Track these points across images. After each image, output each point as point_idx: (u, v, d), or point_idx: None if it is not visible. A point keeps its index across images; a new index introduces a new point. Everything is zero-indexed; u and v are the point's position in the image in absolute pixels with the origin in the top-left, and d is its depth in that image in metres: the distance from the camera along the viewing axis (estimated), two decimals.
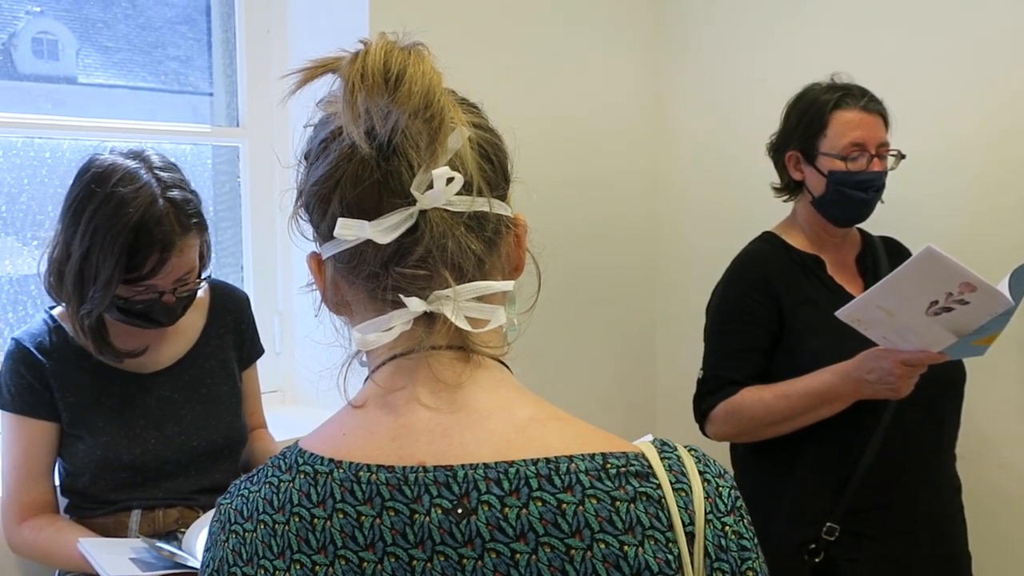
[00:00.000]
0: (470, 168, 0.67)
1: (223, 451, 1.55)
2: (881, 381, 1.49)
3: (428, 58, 0.67)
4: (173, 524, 1.48)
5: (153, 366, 1.52)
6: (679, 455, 0.67)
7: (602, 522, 0.62)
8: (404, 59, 0.65)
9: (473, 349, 0.69)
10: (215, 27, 2.14)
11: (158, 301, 1.42)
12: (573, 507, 0.62)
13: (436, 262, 0.66)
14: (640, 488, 0.64)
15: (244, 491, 0.71)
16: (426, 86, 0.64)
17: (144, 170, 1.39)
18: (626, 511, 0.62)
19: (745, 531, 0.66)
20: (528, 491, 0.63)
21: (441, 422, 0.67)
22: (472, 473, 0.64)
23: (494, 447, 0.65)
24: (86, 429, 1.45)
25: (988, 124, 1.98)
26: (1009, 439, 2.00)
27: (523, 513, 0.62)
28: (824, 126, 1.67)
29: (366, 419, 0.69)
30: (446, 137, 0.66)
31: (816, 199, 1.70)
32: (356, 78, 0.64)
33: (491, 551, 0.62)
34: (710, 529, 0.64)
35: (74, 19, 2.00)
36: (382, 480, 0.65)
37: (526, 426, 0.66)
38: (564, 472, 0.63)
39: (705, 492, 0.65)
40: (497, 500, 0.63)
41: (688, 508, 0.64)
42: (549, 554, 0.62)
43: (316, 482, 0.67)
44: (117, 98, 2.09)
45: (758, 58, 2.37)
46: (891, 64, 2.08)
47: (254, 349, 1.69)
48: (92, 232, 1.34)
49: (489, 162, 0.70)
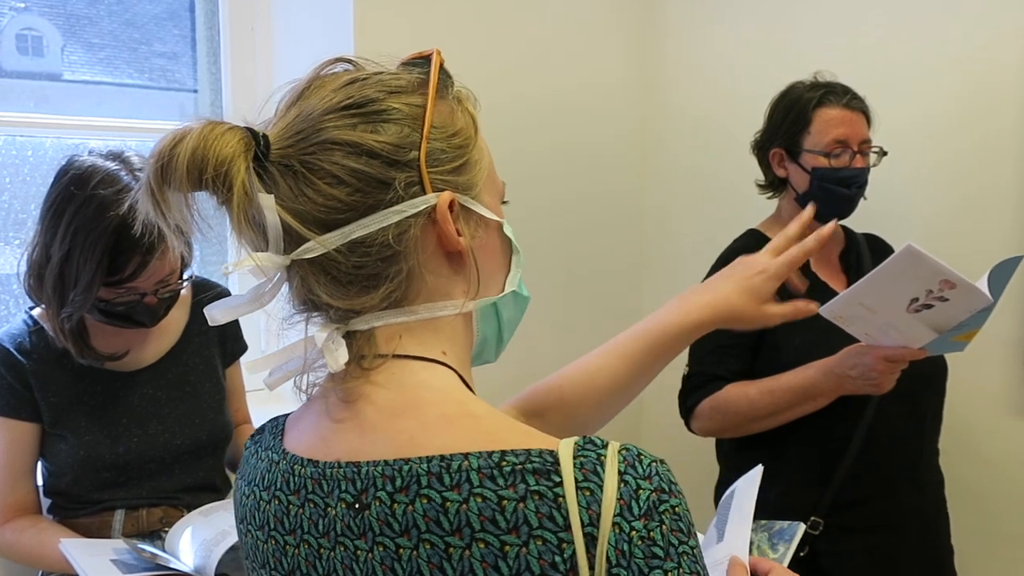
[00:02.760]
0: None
1: (207, 449, 1.55)
2: (863, 377, 1.50)
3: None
4: (157, 523, 1.48)
5: (135, 364, 1.51)
6: (600, 453, 0.63)
7: (484, 521, 0.61)
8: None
9: (397, 354, 0.71)
10: (199, 24, 2.13)
11: (140, 302, 1.41)
12: (456, 505, 0.62)
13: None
14: (534, 486, 0.61)
15: (256, 447, 0.79)
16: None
17: (124, 172, 1.38)
18: (512, 510, 0.61)
19: (661, 538, 0.61)
20: (416, 488, 0.63)
21: (359, 421, 0.69)
22: (373, 470, 0.65)
23: (398, 445, 0.66)
24: (68, 429, 1.44)
25: (970, 123, 1.99)
26: (990, 434, 2.02)
27: (409, 510, 0.63)
28: (807, 123, 1.68)
29: (310, 415, 0.74)
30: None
31: (800, 196, 1.71)
32: None
33: (380, 544, 0.64)
34: (615, 532, 0.60)
35: (59, 15, 1.99)
36: (308, 474, 0.70)
37: (432, 424, 0.67)
38: (455, 470, 0.63)
39: (619, 493, 0.61)
40: (388, 496, 0.64)
41: (591, 508, 0.60)
42: (429, 551, 0.62)
43: (270, 468, 0.74)
44: (102, 95, 2.08)
45: (747, 46, 2.37)
46: (874, 61, 2.09)
47: (237, 346, 1.68)
48: (72, 235, 1.33)
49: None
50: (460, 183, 0.72)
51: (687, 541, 0.62)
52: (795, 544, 1.14)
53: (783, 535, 1.17)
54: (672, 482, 0.63)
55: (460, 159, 0.72)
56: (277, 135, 0.69)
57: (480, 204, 0.73)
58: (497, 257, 0.77)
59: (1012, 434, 2.00)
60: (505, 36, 2.21)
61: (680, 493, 0.64)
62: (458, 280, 0.73)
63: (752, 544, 1.14)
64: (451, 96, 0.74)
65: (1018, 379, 1.98)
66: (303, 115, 0.69)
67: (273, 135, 0.69)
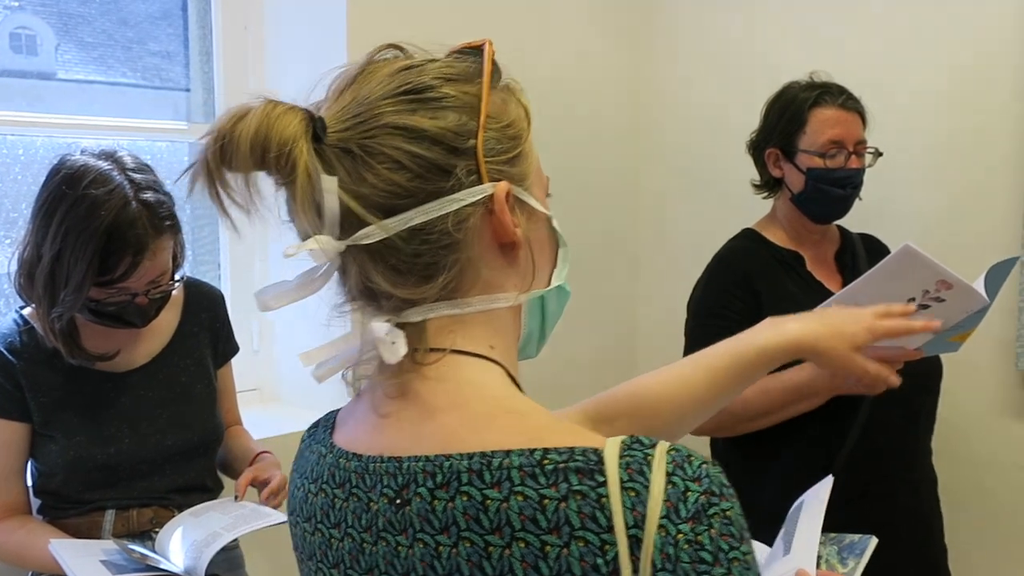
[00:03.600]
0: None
1: (198, 450, 1.54)
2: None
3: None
4: (147, 524, 1.47)
5: (127, 365, 1.50)
6: (648, 453, 0.61)
7: (524, 520, 0.60)
8: None
9: (447, 348, 0.69)
10: (192, 23, 2.12)
11: (131, 303, 1.40)
12: (497, 503, 0.61)
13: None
14: (576, 486, 0.60)
15: (311, 440, 0.79)
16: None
17: (116, 171, 1.37)
18: (554, 510, 0.59)
19: (710, 542, 0.58)
20: (457, 485, 0.62)
21: (403, 416, 0.68)
22: (414, 465, 0.65)
23: (440, 441, 0.65)
24: (58, 429, 1.43)
25: (965, 124, 1.99)
26: (983, 434, 2.02)
27: (449, 506, 0.62)
28: (803, 124, 1.69)
29: (359, 409, 0.74)
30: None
31: (795, 196, 1.71)
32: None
33: (420, 541, 0.64)
34: (660, 535, 0.58)
35: (52, 14, 1.98)
36: (352, 468, 0.69)
37: (475, 420, 0.66)
38: (496, 468, 0.62)
39: (666, 495, 0.59)
40: (428, 493, 0.63)
41: (635, 509, 0.59)
42: (468, 549, 0.61)
43: (318, 462, 0.74)
44: (96, 94, 2.07)
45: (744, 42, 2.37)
46: (869, 61, 2.09)
47: (229, 347, 1.67)
48: (63, 235, 1.32)
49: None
50: (513, 174, 0.71)
51: (738, 547, 0.60)
52: (866, 559, 1.11)
53: (853, 549, 1.14)
54: (724, 485, 0.61)
55: (514, 150, 0.71)
56: (333, 118, 0.68)
57: (531, 196, 0.73)
58: (546, 250, 0.76)
59: (1005, 435, 2.00)
60: (499, 31, 2.20)
61: (733, 497, 0.61)
62: (510, 272, 0.72)
63: (820, 558, 1.11)
64: (502, 87, 0.73)
65: (1011, 380, 1.98)
66: (359, 99, 0.68)
67: (328, 118, 0.67)
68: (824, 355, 1.00)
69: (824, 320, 1.02)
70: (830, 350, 1.00)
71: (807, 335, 0.99)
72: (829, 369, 1.03)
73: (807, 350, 1.00)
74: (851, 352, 1.01)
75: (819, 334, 1.00)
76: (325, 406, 2.33)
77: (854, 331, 1.01)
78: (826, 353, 1.00)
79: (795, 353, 0.99)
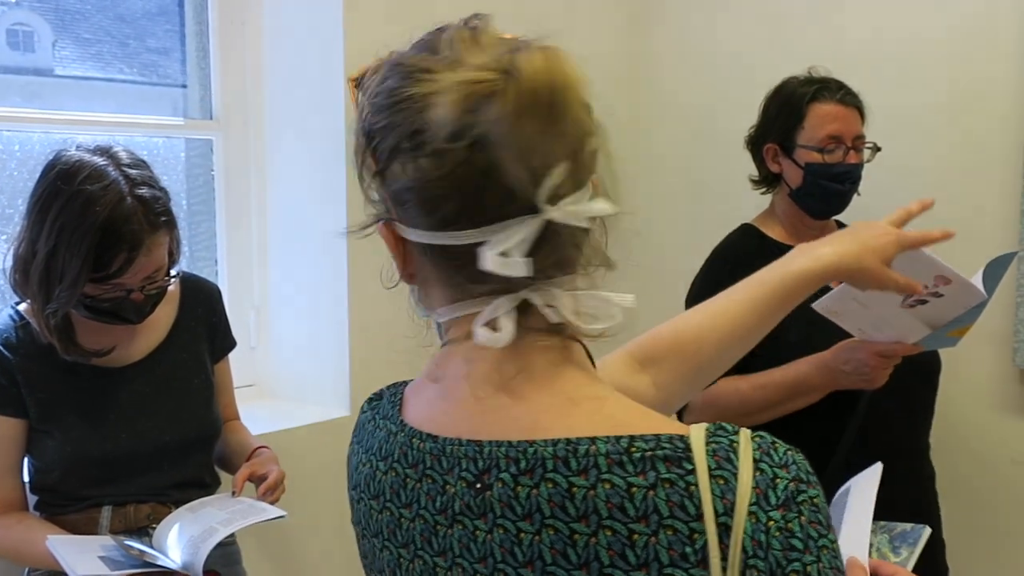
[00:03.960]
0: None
1: (195, 445, 1.54)
2: (856, 372, 1.50)
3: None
4: (145, 520, 1.47)
5: (124, 360, 1.50)
6: (734, 440, 0.61)
7: (612, 508, 0.59)
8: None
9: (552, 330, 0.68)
10: (188, 19, 2.11)
11: (127, 299, 1.40)
12: (584, 491, 0.60)
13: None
14: (665, 474, 0.59)
15: (373, 413, 0.78)
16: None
17: (112, 167, 1.36)
18: (642, 498, 0.59)
19: (800, 529, 0.58)
20: (542, 472, 0.62)
21: (481, 400, 0.68)
22: (496, 451, 0.64)
23: (523, 426, 0.65)
24: (55, 425, 1.43)
25: (964, 119, 1.99)
26: (981, 429, 2.02)
27: (533, 493, 0.62)
28: (801, 119, 1.68)
29: (431, 387, 0.73)
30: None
31: (794, 191, 1.71)
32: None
33: (500, 527, 0.63)
34: (751, 522, 0.58)
35: (50, 10, 1.98)
36: (427, 449, 0.69)
37: (559, 406, 0.66)
38: (582, 455, 0.61)
39: (755, 482, 0.59)
40: (511, 478, 0.63)
41: (725, 497, 0.59)
42: (552, 536, 0.61)
43: (388, 439, 0.73)
44: (94, 90, 2.07)
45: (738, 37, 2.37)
46: (867, 56, 2.09)
47: (226, 342, 1.67)
48: (59, 231, 1.32)
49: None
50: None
51: (826, 534, 0.60)
52: (919, 548, 1.09)
53: (906, 538, 1.12)
54: (809, 472, 0.61)
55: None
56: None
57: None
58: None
59: (1002, 429, 2.00)
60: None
61: (817, 484, 0.61)
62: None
63: (871, 546, 1.09)
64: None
65: (1008, 375, 1.98)
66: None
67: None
68: (862, 272, 1.00)
69: (855, 238, 1.01)
70: (869, 267, 0.99)
71: (847, 256, 0.98)
72: (864, 286, 1.03)
73: (848, 270, 0.99)
74: (884, 266, 1.01)
75: (857, 253, 0.99)
76: (322, 401, 2.33)
77: (883, 244, 1.01)
78: (865, 270, 0.99)
79: (835, 275, 0.99)
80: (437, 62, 0.66)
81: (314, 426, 1.97)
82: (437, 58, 0.66)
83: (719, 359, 0.97)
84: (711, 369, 0.98)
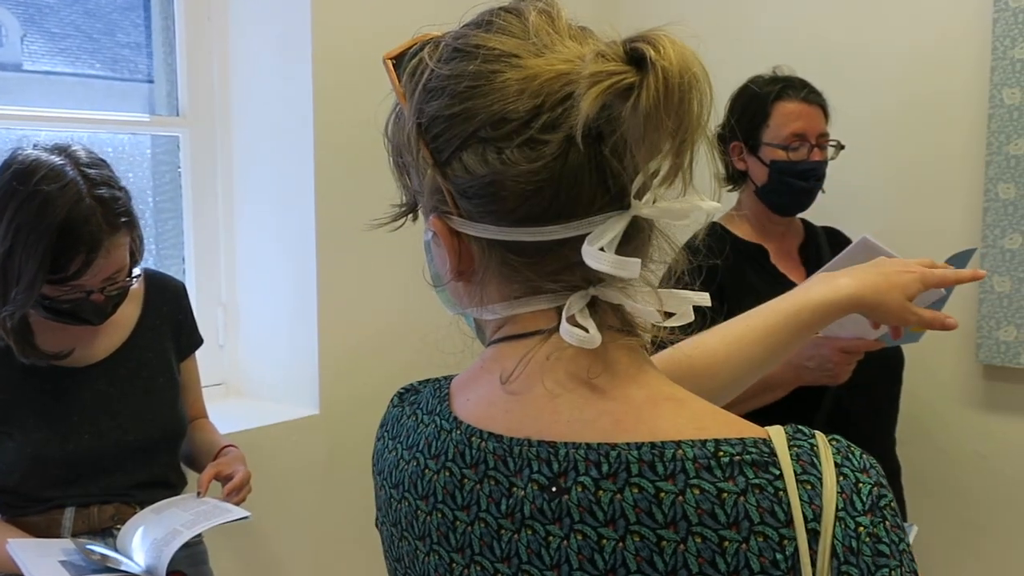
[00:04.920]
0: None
1: (160, 444, 1.52)
2: (820, 368, 1.51)
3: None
4: (109, 521, 1.45)
5: (86, 360, 1.48)
6: (813, 443, 0.60)
7: (702, 515, 0.58)
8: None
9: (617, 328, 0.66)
10: (155, 13, 2.09)
11: (87, 300, 1.38)
12: (672, 497, 0.58)
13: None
14: (754, 479, 0.58)
15: (411, 407, 0.73)
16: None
17: (70, 167, 1.34)
18: (732, 504, 0.57)
19: (886, 535, 0.59)
20: (626, 476, 0.59)
21: (554, 398, 0.64)
22: (574, 453, 0.61)
23: (601, 428, 0.62)
24: (15, 426, 1.41)
25: (926, 118, 2.02)
26: (945, 424, 2.05)
27: (616, 498, 0.59)
28: (766, 117, 1.70)
29: (486, 383, 0.68)
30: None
31: (759, 188, 1.72)
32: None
33: (578, 532, 0.60)
34: (840, 528, 0.57)
35: (18, 4, 1.95)
36: (490, 448, 0.65)
37: (638, 407, 0.63)
38: (669, 459, 0.59)
39: (839, 487, 0.59)
40: (592, 482, 0.60)
41: (814, 503, 0.58)
42: (637, 543, 0.59)
43: (439, 435, 0.68)
44: (62, 85, 2.04)
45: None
46: (833, 55, 2.10)
47: (192, 339, 1.65)
48: (15, 232, 1.29)
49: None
50: None
51: (904, 538, 0.60)
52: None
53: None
54: (883, 475, 0.61)
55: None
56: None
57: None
58: None
59: (966, 424, 2.03)
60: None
61: (889, 487, 0.62)
62: None
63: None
64: None
65: (972, 370, 2.01)
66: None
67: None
68: (883, 307, 0.98)
69: (879, 271, 0.99)
70: (890, 302, 0.98)
71: (867, 288, 0.96)
72: (884, 321, 1.03)
73: (867, 303, 0.97)
74: (906, 302, 0.99)
75: (878, 287, 0.97)
76: (292, 401, 2.31)
77: (907, 281, 0.99)
78: (886, 305, 0.98)
79: (853, 308, 0.97)
80: (520, 46, 0.62)
81: (283, 425, 1.96)
82: (521, 42, 0.62)
83: (732, 386, 0.97)
84: (724, 394, 0.97)
